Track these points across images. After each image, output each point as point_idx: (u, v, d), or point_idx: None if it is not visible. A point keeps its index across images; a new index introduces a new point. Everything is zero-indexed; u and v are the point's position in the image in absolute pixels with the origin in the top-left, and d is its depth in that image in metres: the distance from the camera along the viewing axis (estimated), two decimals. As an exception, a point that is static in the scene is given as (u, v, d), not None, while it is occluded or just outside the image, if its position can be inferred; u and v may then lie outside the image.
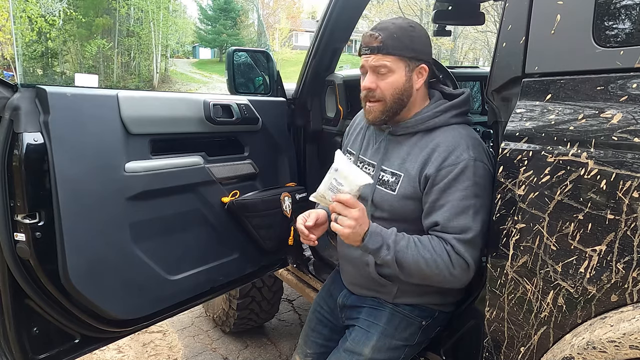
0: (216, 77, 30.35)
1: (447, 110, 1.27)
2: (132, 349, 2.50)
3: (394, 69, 1.22)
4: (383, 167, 1.31)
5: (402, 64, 1.22)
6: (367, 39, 1.23)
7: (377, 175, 1.31)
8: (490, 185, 1.18)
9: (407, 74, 1.23)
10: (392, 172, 1.28)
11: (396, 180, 1.27)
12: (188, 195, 1.62)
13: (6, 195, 1.22)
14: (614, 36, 0.95)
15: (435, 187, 1.19)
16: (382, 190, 1.29)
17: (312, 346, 1.54)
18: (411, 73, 1.24)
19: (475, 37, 25.67)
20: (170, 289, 1.59)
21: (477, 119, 2.61)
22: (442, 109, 1.27)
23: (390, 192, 1.27)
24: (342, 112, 2.12)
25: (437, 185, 1.19)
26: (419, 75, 1.25)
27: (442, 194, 1.19)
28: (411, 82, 1.25)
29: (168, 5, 29.26)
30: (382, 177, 1.30)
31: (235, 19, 38.42)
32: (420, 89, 1.28)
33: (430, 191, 1.21)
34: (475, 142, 1.23)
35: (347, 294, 1.48)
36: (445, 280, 1.20)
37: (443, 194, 1.18)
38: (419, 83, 1.26)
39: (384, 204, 1.29)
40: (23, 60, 23.59)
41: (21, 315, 1.31)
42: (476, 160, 1.18)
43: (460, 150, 1.19)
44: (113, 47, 26.71)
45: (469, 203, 1.16)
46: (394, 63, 1.22)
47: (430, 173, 1.20)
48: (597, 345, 0.89)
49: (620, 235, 0.88)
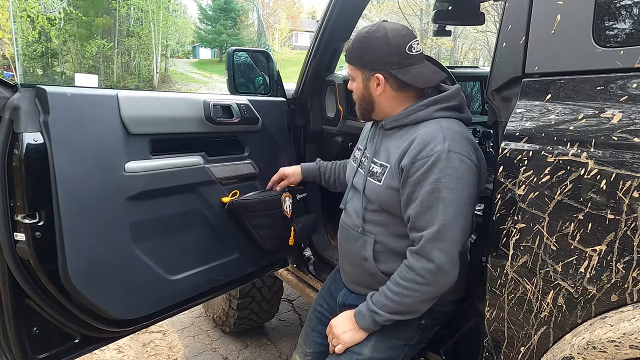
0: (216, 77, 30.34)
1: (430, 104, 1.27)
2: (132, 349, 2.50)
3: (354, 77, 1.33)
4: (374, 159, 1.33)
5: (359, 72, 1.30)
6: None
7: (368, 167, 1.34)
8: (472, 176, 1.16)
9: (364, 82, 1.30)
10: (380, 164, 1.31)
11: (382, 172, 1.29)
12: (188, 195, 1.62)
13: (6, 195, 1.22)
14: (614, 36, 0.95)
15: (409, 180, 1.19)
16: (371, 182, 1.32)
17: (311, 345, 1.54)
18: (367, 82, 1.29)
19: (475, 37, 25.67)
20: (170, 289, 1.59)
21: (477, 119, 2.61)
22: (425, 103, 1.27)
23: (377, 183, 1.29)
24: (342, 112, 2.12)
25: (411, 177, 1.19)
26: (376, 83, 1.28)
27: (415, 187, 1.18)
28: (369, 90, 1.30)
29: (168, 5, 29.26)
30: (372, 169, 1.33)
31: (235, 19, 38.42)
32: (385, 95, 1.29)
33: (405, 183, 1.21)
34: (455, 135, 1.20)
35: (346, 293, 1.48)
36: (433, 291, 1.20)
37: (416, 187, 1.18)
38: (378, 91, 1.29)
39: (372, 196, 1.31)
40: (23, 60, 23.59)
41: (21, 315, 1.31)
42: (450, 151, 1.15)
43: (435, 142, 1.17)
44: (113, 47, 26.70)
45: (439, 196, 1.14)
46: (353, 71, 1.32)
47: (405, 165, 1.20)
48: (597, 345, 0.89)
49: (620, 235, 0.88)
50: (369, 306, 1.26)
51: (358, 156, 1.45)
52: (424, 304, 1.24)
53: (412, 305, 1.23)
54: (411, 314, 1.26)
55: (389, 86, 1.28)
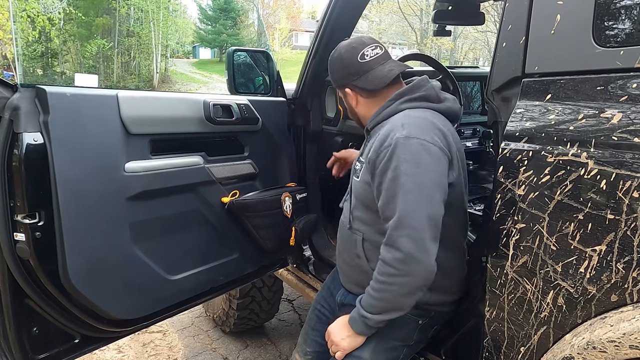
0: (216, 77, 30.32)
1: (396, 98, 1.29)
2: (132, 349, 2.50)
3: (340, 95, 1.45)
4: (360, 158, 1.37)
5: (339, 92, 1.44)
6: None
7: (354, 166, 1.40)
8: (435, 161, 1.14)
9: (344, 99, 1.42)
10: (361, 160, 1.34)
11: (360, 167, 1.33)
12: (188, 195, 1.62)
13: (6, 195, 1.22)
14: (614, 36, 0.95)
15: (376, 172, 1.21)
16: (354, 179, 1.37)
17: (311, 345, 1.55)
18: (345, 97, 1.40)
19: (475, 37, 25.67)
20: (170, 289, 1.59)
21: (477, 119, 2.61)
22: (392, 98, 1.30)
23: (356, 179, 1.35)
24: (342, 112, 2.12)
25: (377, 169, 1.20)
26: (350, 97, 1.38)
27: (380, 177, 1.19)
28: (349, 104, 1.41)
29: (168, 5, 29.24)
30: (355, 166, 1.39)
31: (235, 19, 38.41)
32: (360, 105, 1.38)
33: (373, 177, 1.23)
34: (416, 121, 1.20)
35: (344, 293, 1.48)
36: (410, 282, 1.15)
37: (381, 178, 1.18)
38: (354, 102, 1.39)
39: (355, 192, 1.36)
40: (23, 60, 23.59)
41: (21, 315, 1.31)
42: (408, 137, 1.14)
43: (395, 131, 1.18)
44: (113, 47, 26.69)
45: (398, 183, 1.13)
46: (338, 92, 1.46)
47: (371, 157, 1.23)
48: (597, 345, 0.89)
49: (620, 235, 0.88)
50: (359, 311, 1.25)
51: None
52: (407, 297, 1.18)
53: (395, 301, 1.19)
54: (398, 310, 1.21)
55: (360, 96, 1.36)
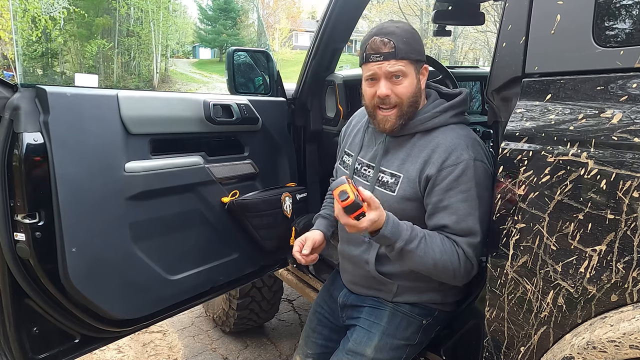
0: (216, 77, 30.32)
1: (446, 110, 1.28)
2: (132, 349, 2.50)
3: (408, 73, 1.22)
4: (382, 168, 1.31)
5: (412, 67, 1.23)
6: (378, 45, 1.20)
7: (375, 176, 1.32)
8: (490, 184, 1.18)
9: (417, 76, 1.25)
10: (391, 173, 1.28)
11: (395, 182, 1.27)
12: (188, 195, 1.62)
13: (6, 195, 1.22)
14: (614, 36, 0.95)
15: (437, 188, 1.20)
16: (382, 192, 1.29)
17: (312, 346, 1.54)
18: (419, 74, 1.26)
19: (475, 37, 25.66)
20: (170, 289, 1.59)
21: (477, 119, 2.61)
22: (441, 110, 1.27)
23: (390, 193, 1.28)
24: (342, 112, 2.12)
25: (439, 185, 1.19)
26: (423, 75, 1.28)
27: (444, 194, 1.19)
28: (420, 84, 1.27)
29: (168, 5, 29.25)
30: (381, 178, 1.31)
31: (235, 19, 38.41)
32: (423, 89, 1.31)
33: (431, 192, 1.21)
34: (474, 142, 1.24)
35: (347, 294, 1.48)
36: (447, 279, 1.23)
37: (445, 195, 1.19)
38: (423, 83, 1.29)
39: (383, 205, 1.25)
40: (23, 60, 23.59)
41: (21, 315, 1.31)
42: (475, 160, 1.19)
43: (460, 150, 1.20)
44: (113, 47, 26.69)
45: (473, 205, 1.17)
46: (407, 67, 1.22)
47: (431, 174, 1.20)
48: (597, 345, 0.89)
49: (620, 235, 0.88)
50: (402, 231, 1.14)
51: (349, 162, 1.43)
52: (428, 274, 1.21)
53: (423, 268, 1.19)
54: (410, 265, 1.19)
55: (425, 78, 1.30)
